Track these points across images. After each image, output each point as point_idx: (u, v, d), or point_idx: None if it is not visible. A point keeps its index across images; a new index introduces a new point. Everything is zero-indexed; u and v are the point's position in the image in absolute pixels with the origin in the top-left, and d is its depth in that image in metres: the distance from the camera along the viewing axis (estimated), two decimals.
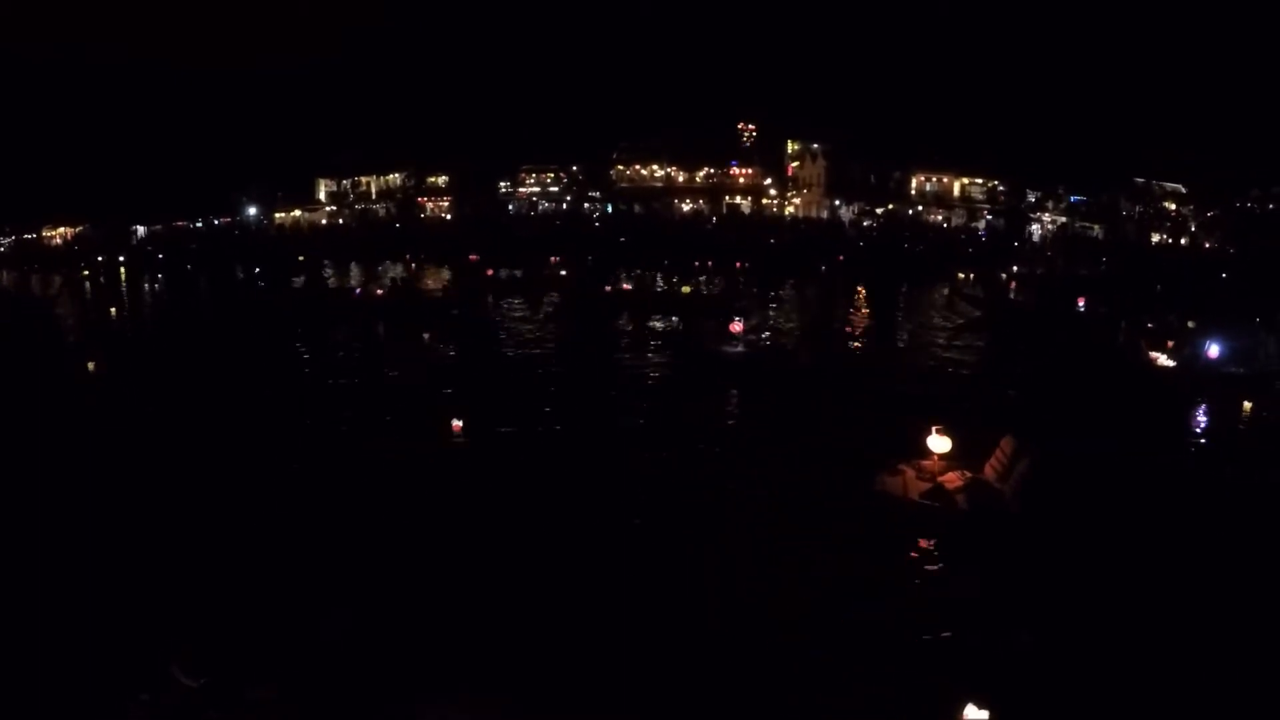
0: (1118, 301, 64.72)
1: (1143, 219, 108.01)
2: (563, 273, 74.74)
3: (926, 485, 25.24)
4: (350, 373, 46.56)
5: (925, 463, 26.22)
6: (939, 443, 26.26)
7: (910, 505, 24.78)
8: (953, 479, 25.28)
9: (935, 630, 19.94)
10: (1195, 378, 42.14)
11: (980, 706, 15.69)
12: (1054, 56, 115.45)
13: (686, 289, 68.94)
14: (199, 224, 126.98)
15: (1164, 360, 43.96)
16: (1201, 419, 38.50)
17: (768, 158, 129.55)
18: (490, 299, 67.90)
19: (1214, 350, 43.24)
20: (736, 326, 47.10)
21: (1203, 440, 36.34)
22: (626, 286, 69.57)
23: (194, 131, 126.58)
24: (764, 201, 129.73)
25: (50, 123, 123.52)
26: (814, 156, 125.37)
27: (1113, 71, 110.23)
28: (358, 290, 65.89)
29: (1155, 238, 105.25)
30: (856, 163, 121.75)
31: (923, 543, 23.95)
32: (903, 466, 26.29)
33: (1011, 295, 70.39)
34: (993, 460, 26.23)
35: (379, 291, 65.37)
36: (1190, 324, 50.09)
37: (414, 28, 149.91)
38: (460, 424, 33.72)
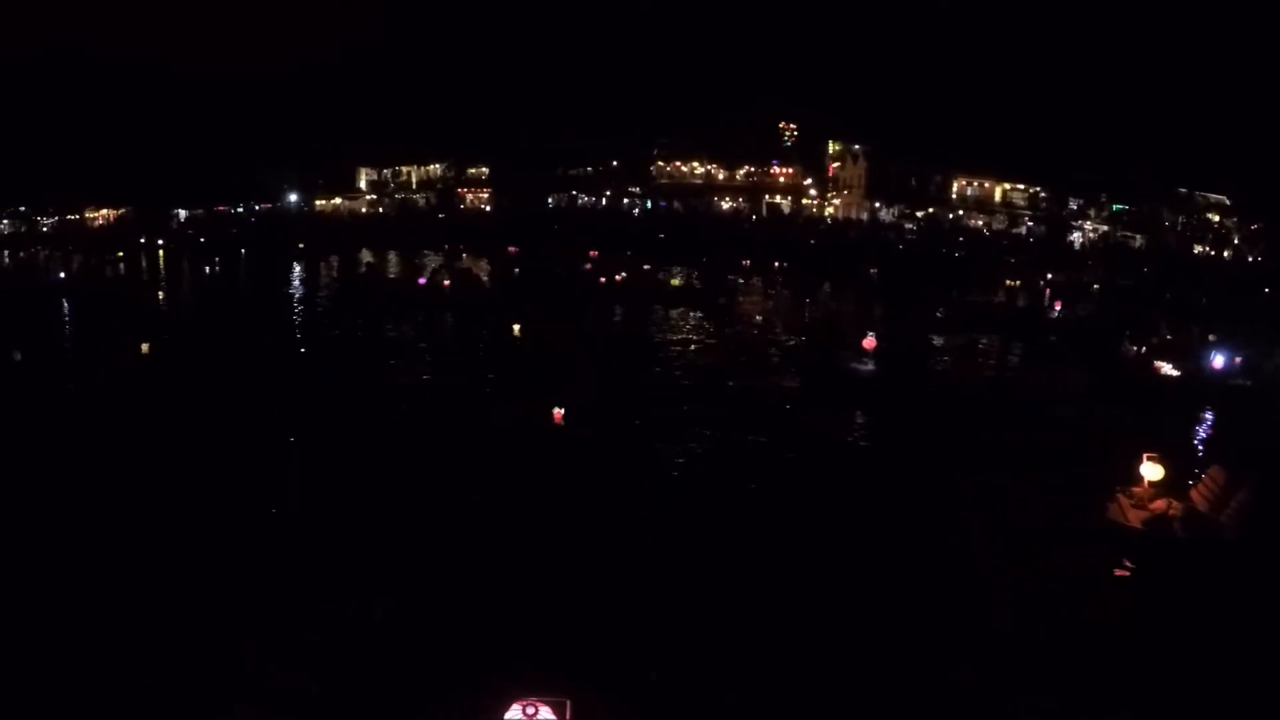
0: (1107, 307, 65.71)
1: (1185, 230, 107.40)
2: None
3: (1142, 513, 25.14)
4: (447, 365, 46.92)
5: (1136, 489, 25.98)
6: (1152, 470, 25.89)
7: (1134, 533, 24.72)
8: (1161, 506, 25.18)
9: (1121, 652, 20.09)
10: (1200, 388, 42.49)
11: None
12: (1101, 65, 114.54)
13: (675, 281, 69.42)
14: (239, 209, 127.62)
15: (1168, 370, 44.22)
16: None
17: (809, 158, 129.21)
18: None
19: (1218, 361, 43.65)
20: (869, 343, 45.68)
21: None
22: (618, 279, 70.05)
23: (236, 120, 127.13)
24: (804, 202, 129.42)
25: (96, 111, 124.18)
26: (855, 158, 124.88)
27: (1160, 81, 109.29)
28: (421, 280, 65.63)
29: (1197, 249, 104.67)
30: (898, 165, 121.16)
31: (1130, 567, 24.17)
32: (1118, 493, 26.16)
33: (1046, 304, 69.85)
34: (1200, 488, 26.01)
35: (445, 283, 65.34)
36: (1211, 337, 50.11)
37: (459, 22, 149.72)
38: (561, 413, 33.75)
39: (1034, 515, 27.06)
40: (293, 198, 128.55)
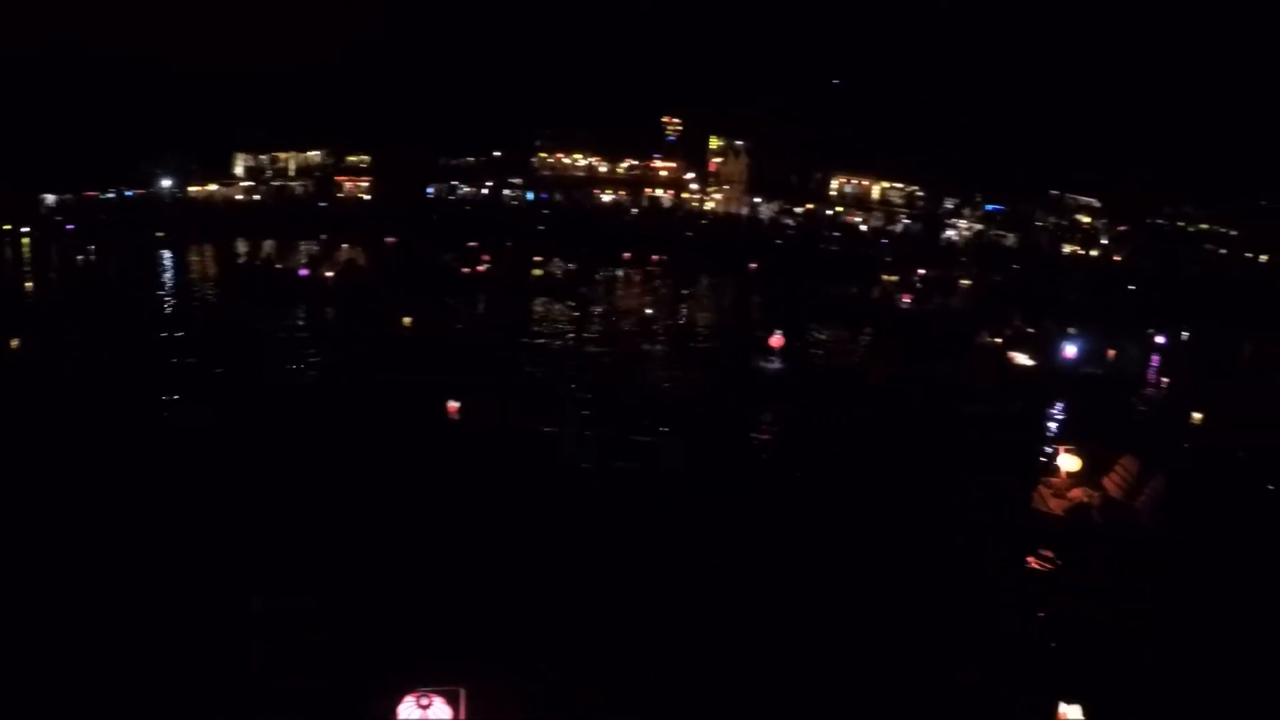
0: (973, 301, 69.08)
1: (1056, 230, 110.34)
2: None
3: (1062, 502, 26.31)
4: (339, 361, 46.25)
5: (1055, 480, 27.22)
6: (1069, 461, 27.38)
7: (1056, 521, 25.80)
8: (1079, 495, 26.34)
9: (1041, 634, 20.74)
10: (1054, 376, 45.62)
11: (1072, 704, 16.51)
12: (979, 67, 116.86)
13: (537, 272, 69.77)
14: (110, 195, 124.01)
15: (1023, 360, 46.37)
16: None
17: (691, 152, 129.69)
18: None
19: (1070, 351, 47.11)
20: (777, 340, 45.77)
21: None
22: (481, 269, 70.23)
23: (107, 104, 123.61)
24: (684, 196, 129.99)
25: None
26: (737, 154, 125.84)
27: (1035, 86, 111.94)
28: (303, 271, 64.59)
29: (1067, 248, 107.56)
30: (779, 162, 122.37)
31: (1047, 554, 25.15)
32: (1039, 484, 27.31)
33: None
34: (1113, 477, 27.34)
35: (328, 274, 64.37)
36: (1071, 330, 52.97)
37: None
38: (456, 406, 33.63)
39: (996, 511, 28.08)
40: (165, 184, 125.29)
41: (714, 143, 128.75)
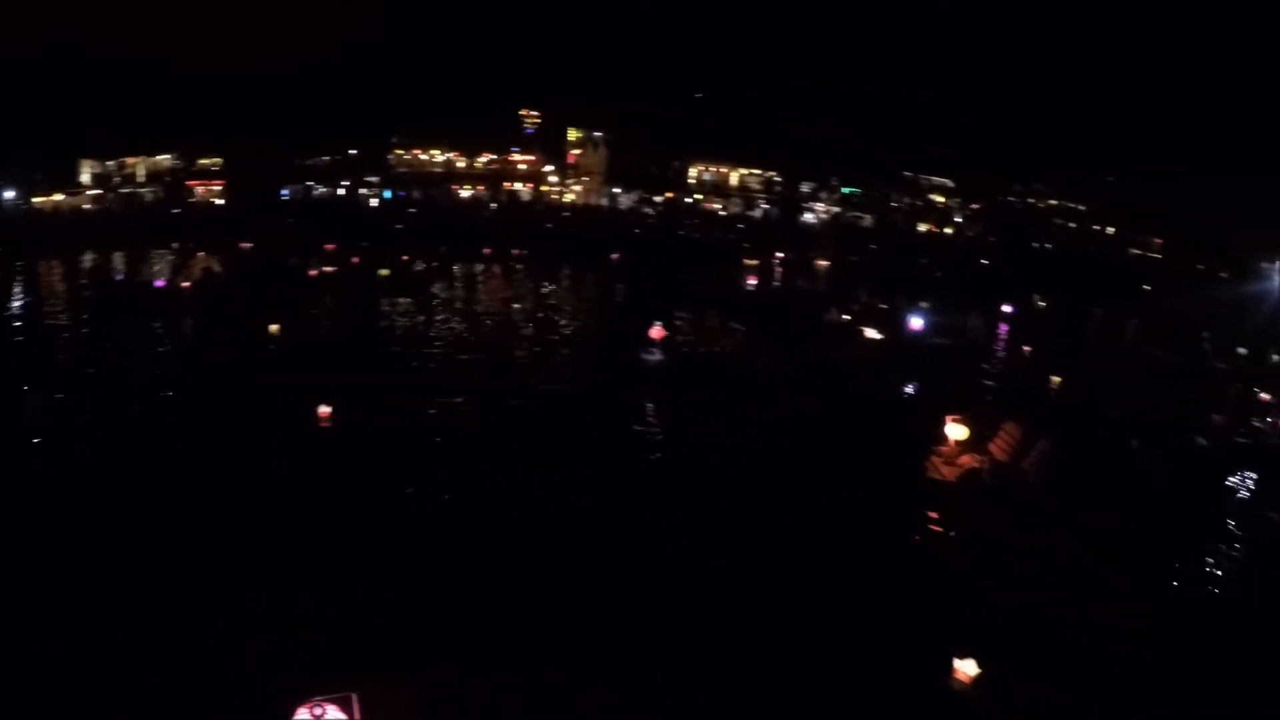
0: (830, 280, 70.95)
1: (911, 209, 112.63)
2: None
3: (953, 468, 27.56)
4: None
5: (944, 449, 28.50)
6: (956, 430, 28.92)
7: (949, 486, 26.93)
8: (968, 461, 27.63)
9: (937, 594, 21.14)
10: (902, 346, 48.30)
11: (965, 658, 16.86)
12: (833, 53, 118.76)
13: (384, 271, 69.60)
14: None
15: (872, 333, 48.42)
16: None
17: (549, 145, 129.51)
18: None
19: (916, 324, 50.28)
20: (657, 332, 45.81)
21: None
22: (329, 270, 69.80)
23: None
24: (543, 189, 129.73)
25: None
26: (595, 145, 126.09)
27: (887, 71, 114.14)
28: (159, 283, 62.55)
29: (922, 227, 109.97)
30: (637, 152, 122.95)
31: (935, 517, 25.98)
32: (930, 453, 28.50)
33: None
34: (998, 442, 28.81)
35: (185, 284, 62.30)
36: (923, 304, 55.36)
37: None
38: (328, 410, 33.08)
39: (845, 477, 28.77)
40: (8, 195, 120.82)
41: (572, 134, 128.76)
